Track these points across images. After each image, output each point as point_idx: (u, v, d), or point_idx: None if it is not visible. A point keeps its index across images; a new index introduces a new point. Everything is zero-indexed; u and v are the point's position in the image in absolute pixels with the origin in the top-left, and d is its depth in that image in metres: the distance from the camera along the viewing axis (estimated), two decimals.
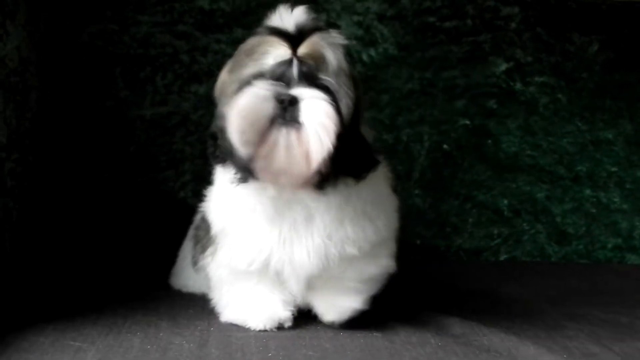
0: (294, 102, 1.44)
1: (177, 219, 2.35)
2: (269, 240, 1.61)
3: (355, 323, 1.69)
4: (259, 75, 1.47)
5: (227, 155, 1.53)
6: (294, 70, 1.45)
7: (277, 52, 1.47)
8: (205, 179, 1.76)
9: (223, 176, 1.64)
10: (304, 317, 1.73)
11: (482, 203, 2.60)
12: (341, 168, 1.51)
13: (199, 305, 1.84)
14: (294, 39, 1.46)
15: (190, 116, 2.49)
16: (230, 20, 2.47)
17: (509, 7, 2.56)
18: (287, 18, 1.49)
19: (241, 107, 1.44)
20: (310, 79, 1.46)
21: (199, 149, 2.46)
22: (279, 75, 1.46)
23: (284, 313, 1.66)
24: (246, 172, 1.51)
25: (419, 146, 2.56)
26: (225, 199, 1.66)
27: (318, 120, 1.43)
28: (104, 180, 2.48)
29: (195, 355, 1.50)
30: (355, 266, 1.68)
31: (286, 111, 1.44)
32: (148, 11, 2.44)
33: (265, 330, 1.64)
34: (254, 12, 2.45)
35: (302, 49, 1.46)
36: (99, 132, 2.47)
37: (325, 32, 1.50)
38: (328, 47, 1.48)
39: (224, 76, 1.59)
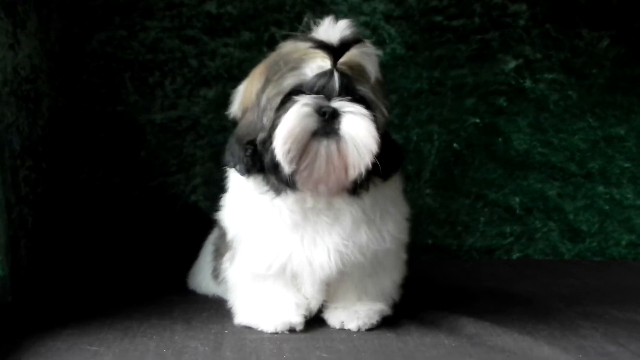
0: (334, 115, 1.47)
1: (188, 222, 2.37)
2: (289, 245, 1.62)
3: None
4: (299, 87, 1.50)
5: (269, 169, 1.55)
6: (335, 82, 1.48)
7: (318, 64, 1.49)
8: (215, 182, 1.77)
9: (240, 184, 1.66)
10: (318, 319, 1.74)
11: (494, 201, 2.59)
12: (374, 171, 1.54)
13: (214, 308, 1.85)
14: (336, 51, 1.48)
15: (200, 120, 2.49)
16: (237, 24, 2.47)
17: (517, 4, 2.55)
18: (332, 30, 1.51)
19: (289, 128, 1.46)
20: (350, 90, 1.49)
21: (209, 152, 2.47)
22: (320, 87, 1.49)
23: (296, 317, 1.67)
24: (287, 184, 1.54)
25: (429, 146, 2.55)
26: (242, 207, 1.67)
27: (358, 133, 1.47)
28: (116, 184, 2.49)
29: (210, 358, 1.51)
30: (374, 273, 1.71)
31: (327, 123, 1.47)
32: (156, 16, 2.45)
33: (279, 333, 1.65)
34: (260, 15, 2.46)
35: (343, 61, 1.49)
36: (110, 138, 2.48)
37: (364, 45, 1.52)
38: (367, 59, 1.51)
39: (256, 86, 1.59)
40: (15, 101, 1.97)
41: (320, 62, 1.49)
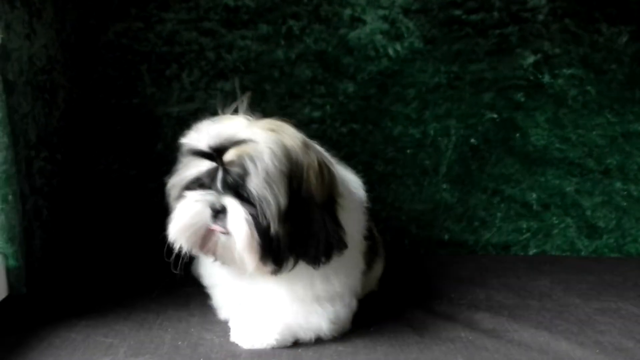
0: (223, 210, 1.50)
1: None
2: (235, 299, 1.70)
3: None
4: (195, 180, 1.54)
5: None
6: (219, 181, 1.50)
7: (203, 164, 1.52)
8: None
9: None
10: None
11: (511, 197, 2.58)
12: (295, 254, 1.54)
13: None
14: (216, 152, 1.50)
15: (217, 113, 2.48)
16: (255, 17, 2.46)
17: None
18: (205, 138, 1.52)
19: (179, 222, 1.53)
20: (236, 188, 1.50)
21: None
22: (210, 183, 1.52)
23: None
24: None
25: (446, 140, 2.54)
26: None
27: (237, 233, 1.48)
28: (132, 177, 2.50)
29: (225, 349, 1.51)
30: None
31: (219, 216, 1.51)
32: (173, 8, 2.45)
33: None
34: (278, 8, 2.45)
35: (228, 159, 1.49)
36: (126, 130, 2.48)
37: (247, 144, 1.50)
38: (252, 155, 1.48)
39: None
40: (30, 91, 1.98)
41: (205, 163, 1.52)
